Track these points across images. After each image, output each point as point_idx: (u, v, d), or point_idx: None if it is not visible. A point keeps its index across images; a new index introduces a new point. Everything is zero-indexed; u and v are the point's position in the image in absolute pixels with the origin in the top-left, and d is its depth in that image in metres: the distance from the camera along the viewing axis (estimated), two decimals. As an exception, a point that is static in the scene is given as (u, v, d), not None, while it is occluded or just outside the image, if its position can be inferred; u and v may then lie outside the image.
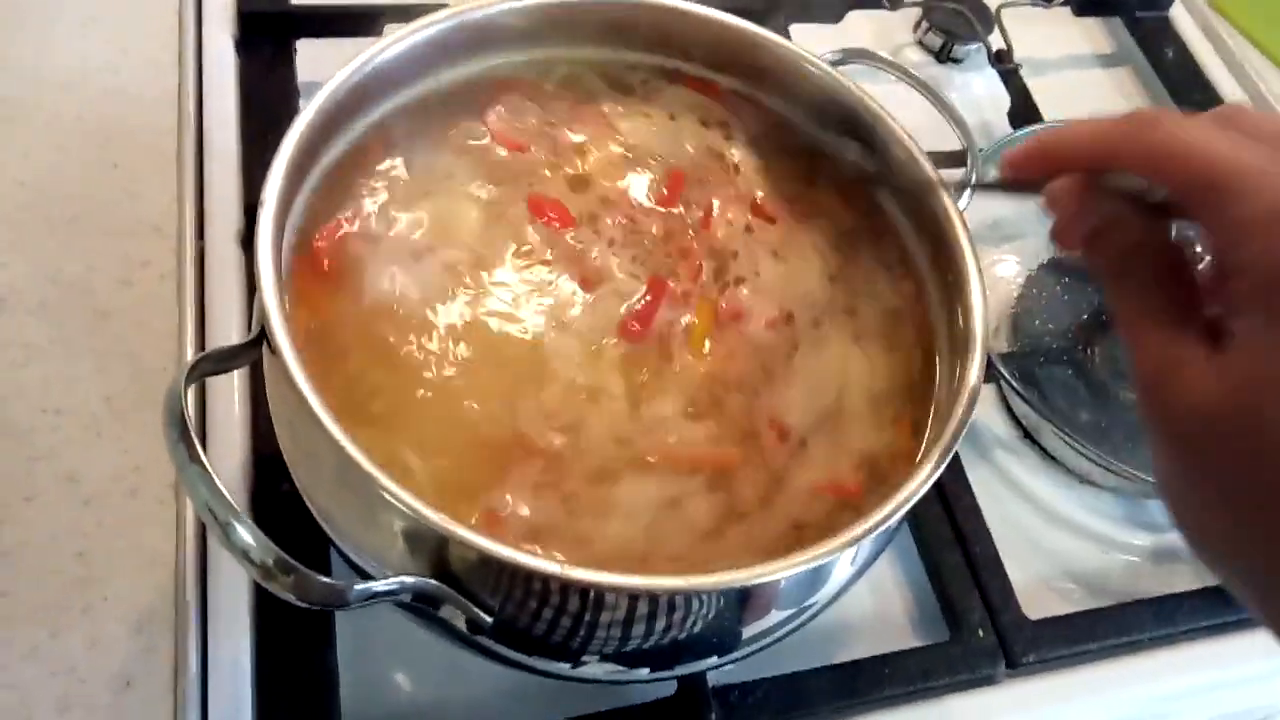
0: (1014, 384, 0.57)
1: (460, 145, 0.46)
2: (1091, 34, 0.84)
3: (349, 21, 0.64)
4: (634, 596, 0.33)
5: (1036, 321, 0.61)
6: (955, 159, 0.53)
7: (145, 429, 0.50)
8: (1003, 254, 0.65)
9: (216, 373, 0.36)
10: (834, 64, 0.48)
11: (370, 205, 0.43)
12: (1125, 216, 0.32)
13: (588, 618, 0.34)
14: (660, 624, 0.34)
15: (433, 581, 0.34)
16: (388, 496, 0.32)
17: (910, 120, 0.46)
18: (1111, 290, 0.32)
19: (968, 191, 0.49)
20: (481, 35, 0.45)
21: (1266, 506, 0.27)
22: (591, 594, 0.33)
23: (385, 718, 0.46)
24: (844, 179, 0.49)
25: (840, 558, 0.36)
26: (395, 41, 0.42)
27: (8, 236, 0.54)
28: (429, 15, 0.43)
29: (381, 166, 0.45)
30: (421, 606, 0.35)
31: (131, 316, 0.53)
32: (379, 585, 0.33)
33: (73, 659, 0.44)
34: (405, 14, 0.44)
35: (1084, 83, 0.81)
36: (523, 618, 0.34)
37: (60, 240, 0.55)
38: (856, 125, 0.47)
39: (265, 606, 0.46)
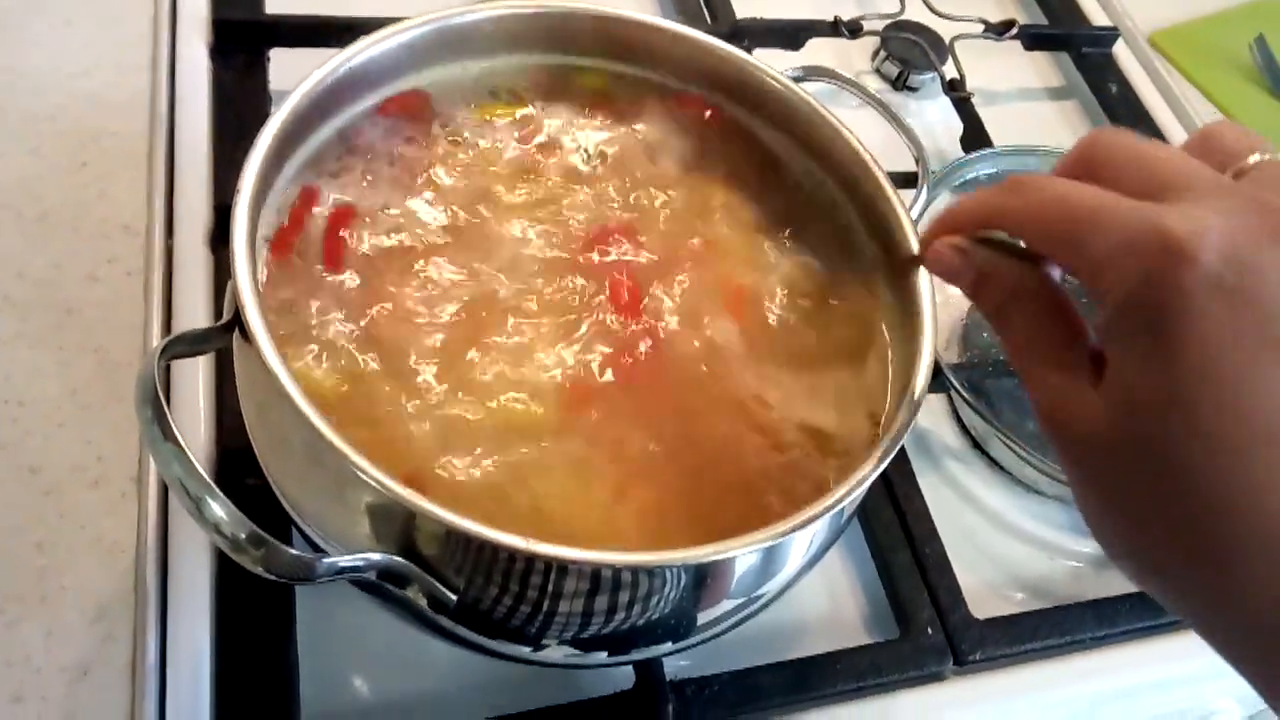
0: (964, 394, 0.59)
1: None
2: (1040, 67, 0.88)
3: (322, 32, 0.65)
4: (595, 571, 0.34)
5: (986, 334, 0.63)
6: (908, 180, 0.55)
7: (109, 422, 0.50)
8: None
9: (188, 355, 0.37)
10: (795, 80, 0.50)
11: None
12: (1001, 263, 0.34)
13: (549, 594, 0.35)
14: (619, 602, 0.35)
15: (398, 558, 0.34)
16: (358, 473, 0.32)
17: (866, 143, 0.48)
18: (999, 332, 0.34)
19: (920, 202, 0.52)
20: (459, 40, 0.47)
21: (1164, 517, 0.29)
22: (553, 569, 0.34)
23: (344, 709, 0.46)
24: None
25: (793, 541, 0.37)
26: (372, 44, 0.44)
27: (-26, 232, 0.54)
28: (406, 20, 0.45)
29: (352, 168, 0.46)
30: (385, 585, 0.36)
31: (98, 312, 0.53)
32: (345, 560, 0.33)
33: (28, 649, 0.44)
34: (378, 27, 0.46)
35: (1033, 113, 0.84)
36: (485, 596, 0.35)
37: (28, 237, 0.55)
38: (811, 136, 0.49)
39: (225, 597, 0.46)
